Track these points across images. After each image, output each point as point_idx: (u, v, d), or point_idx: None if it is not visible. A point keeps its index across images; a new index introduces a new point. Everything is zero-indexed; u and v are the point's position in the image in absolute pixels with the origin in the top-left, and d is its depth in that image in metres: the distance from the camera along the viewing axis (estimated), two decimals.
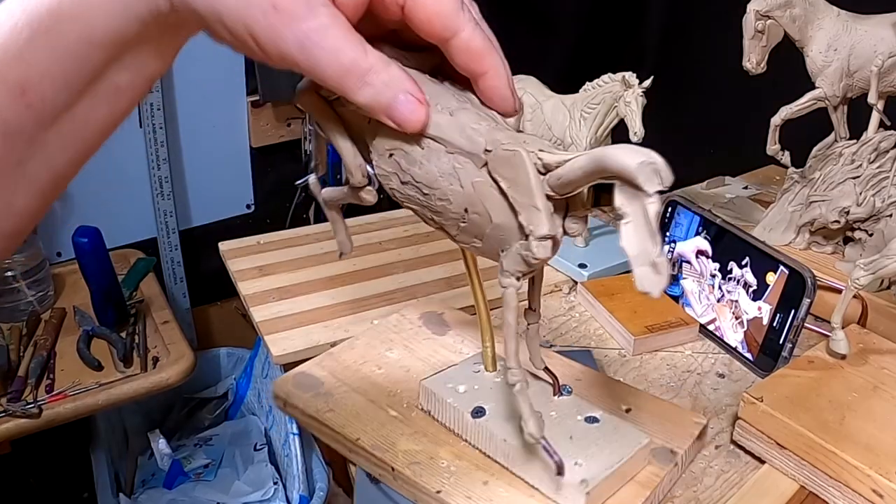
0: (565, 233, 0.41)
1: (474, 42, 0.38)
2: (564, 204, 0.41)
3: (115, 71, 0.33)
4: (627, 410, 0.57)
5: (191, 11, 0.32)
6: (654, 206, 0.34)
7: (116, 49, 0.33)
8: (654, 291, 0.35)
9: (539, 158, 0.39)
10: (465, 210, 0.41)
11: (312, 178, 0.52)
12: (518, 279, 0.41)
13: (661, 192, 0.34)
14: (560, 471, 0.46)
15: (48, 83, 0.31)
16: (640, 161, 0.34)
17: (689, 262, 0.78)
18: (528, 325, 0.51)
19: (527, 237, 0.39)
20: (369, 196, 0.46)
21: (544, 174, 0.39)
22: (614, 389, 0.60)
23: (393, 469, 0.52)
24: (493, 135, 0.39)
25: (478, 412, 0.53)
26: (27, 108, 0.31)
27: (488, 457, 0.52)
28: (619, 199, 0.35)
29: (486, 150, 0.39)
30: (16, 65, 0.31)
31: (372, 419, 0.56)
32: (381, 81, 0.36)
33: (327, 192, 0.50)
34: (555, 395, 0.54)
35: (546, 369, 0.54)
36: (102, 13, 0.31)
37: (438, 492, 0.50)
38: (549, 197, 0.39)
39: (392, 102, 0.37)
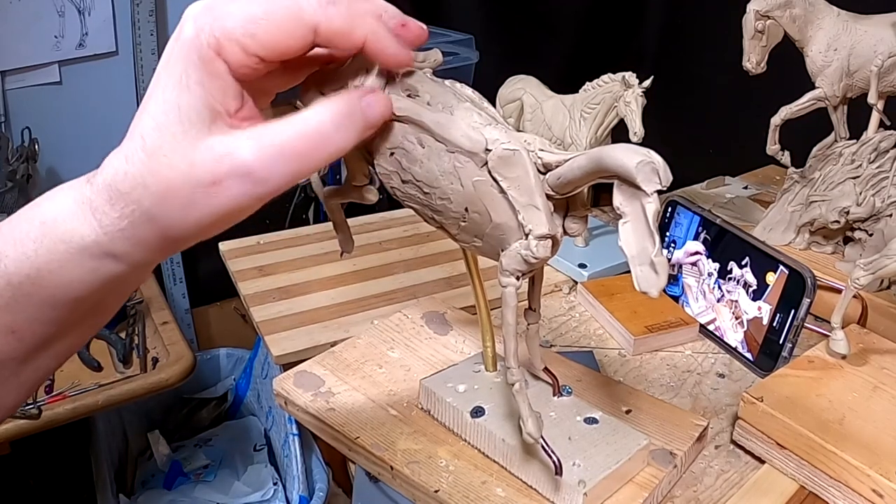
0: (565, 232, 0.42)
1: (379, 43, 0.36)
2: (565, 204, 0.41)
3: (100, 309, 0.36)
4: (627, 412, 0.57)
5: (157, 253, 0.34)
6: (652, 206, 0.34)
7: (99, 296, 0.35)
8: (652, 291, 0.35)
9: (539, 158, 0.39)
10: (466, 209, 0.41)
11: (314, 177, 0.52)
12: (517, 279, 0.41)
13: (659, 192, 0.35)
14: (558, 470, 0.46)
15: (37, 325, 0.34)
16: (638, 160, 0.34)
17: (688, 264, 0.78)
18: (528, 325, 0.51)
19: (526, 236, 0.39)
20: (370, 195, 0.46)
21: (544, 173, 0.39)
22: (614, 391, 0.60)
23: (392, 468, 0.52)
24: (494, 134, 0.39)
25: (477, 412, 0.53)
26: (19, 342, 0.34)
27: (487, 457, 0.52)
28: (618, 198, 0.36)
29: (487, 150, 0.39)
30: (3, 314, 0.33)
31: (372, 418, 0.56)
32: (336, 124, 0.33)
33: (329, 191, 0.50)
34: (554, 395, 0.54)
35: (546, 370, 0.54)
36: (78, 277, 0.33)
37: (436, 491, 0.50)
38: (548, 196, 0.39)
39: (362, 118, 0.35)
